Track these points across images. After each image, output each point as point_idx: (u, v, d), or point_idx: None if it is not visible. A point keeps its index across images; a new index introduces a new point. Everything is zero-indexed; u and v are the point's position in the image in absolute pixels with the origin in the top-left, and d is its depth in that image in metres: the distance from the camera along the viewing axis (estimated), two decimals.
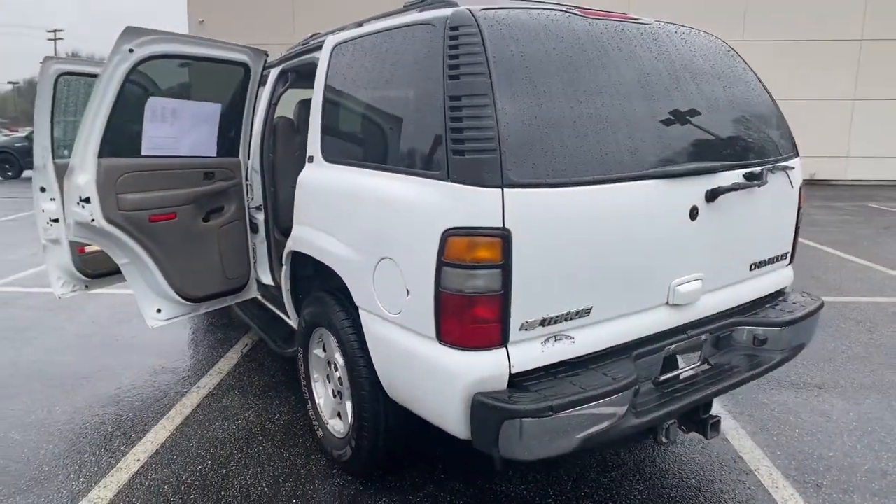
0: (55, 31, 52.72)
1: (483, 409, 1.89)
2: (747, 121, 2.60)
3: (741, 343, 2.56)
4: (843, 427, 3.22)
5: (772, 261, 2.73)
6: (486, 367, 1.93)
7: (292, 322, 3.34)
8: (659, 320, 2.32)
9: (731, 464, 2.89)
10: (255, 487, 2.72)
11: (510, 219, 1.86)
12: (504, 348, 1.96)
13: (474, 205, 1.86)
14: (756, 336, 2.55)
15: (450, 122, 1.93)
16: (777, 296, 2.85)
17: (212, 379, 3.83)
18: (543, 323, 2.00)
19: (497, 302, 1.89)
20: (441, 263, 1.91)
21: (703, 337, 2.43)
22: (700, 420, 2.46)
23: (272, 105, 3.63)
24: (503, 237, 1.86)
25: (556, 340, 2.05)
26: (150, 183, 3.07)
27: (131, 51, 2.85)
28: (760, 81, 2.79)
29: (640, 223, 2.16)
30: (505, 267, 1.88)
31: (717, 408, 3.36)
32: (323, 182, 2.67)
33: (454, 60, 1.98)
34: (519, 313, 1.94)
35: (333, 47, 2.81)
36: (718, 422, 2.47)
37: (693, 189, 2.28)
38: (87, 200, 2.87)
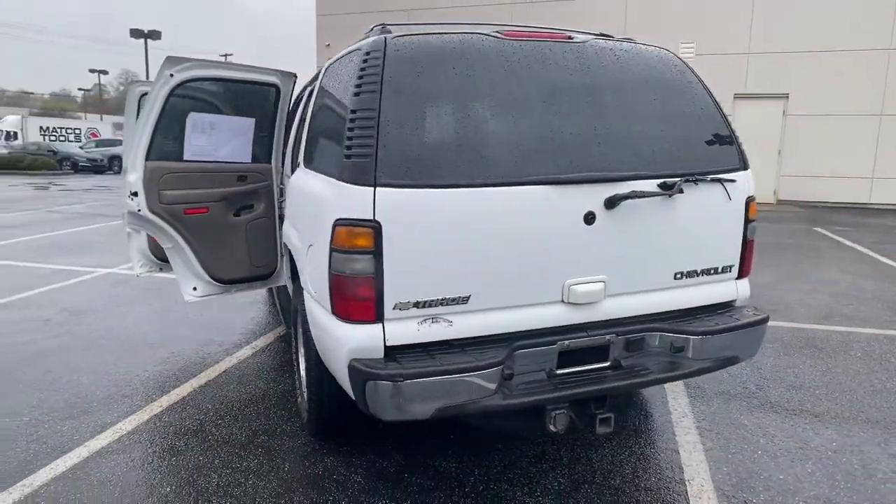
0: (226, 55, 59.67)
1: (354, 371, 2.25)
2: (676, 134, 2.70)
3: (656, 348, 2.65)
4: (815, 454, 3.10)
5: (707, 272, 2.78)
6: (364, 338, 2.29)
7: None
8: (552, 316, 2.52)
9: (667, 472, 2.94)
10: (236, 436, 3.25)
11: (380, 213, 2.21)
12: (380, 324, 2.30)
13: (353, 200, 2.23)
14: (672, 343, 2.63)
15: (346, 132, 2.32)
16: (722, 307, 2.88)
17: (245, 352, 4.48)
18: (417, 305, 2.31)
19: (371, 283, 2.25)
20: (331, 249, 2.29)
21: (608, 338, 2.57)
22: (591, 415, 2.60)
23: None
24: (374, 228, 2.21)
25: (432, 322, 2.35)
26: (187, 182, 3.75)
27: (171, 75, 3.55)
28: (710, 96, 2.85)
29: (525, 224, 2.39)
30: (377, 253, 2.23)
31: (688, 424, 3.39)
32: (295, 183, 3.17)
33: (359, 80, 2.38)
34: (392, 294, 2.28)
35: (324, 70, 3.31)
36: (608, 419, 2.58)
37: (588, 196, 2.46)
38: (136, 194, 3.60)
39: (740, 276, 2.90)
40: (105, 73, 62.07)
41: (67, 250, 8.40)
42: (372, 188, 2.21)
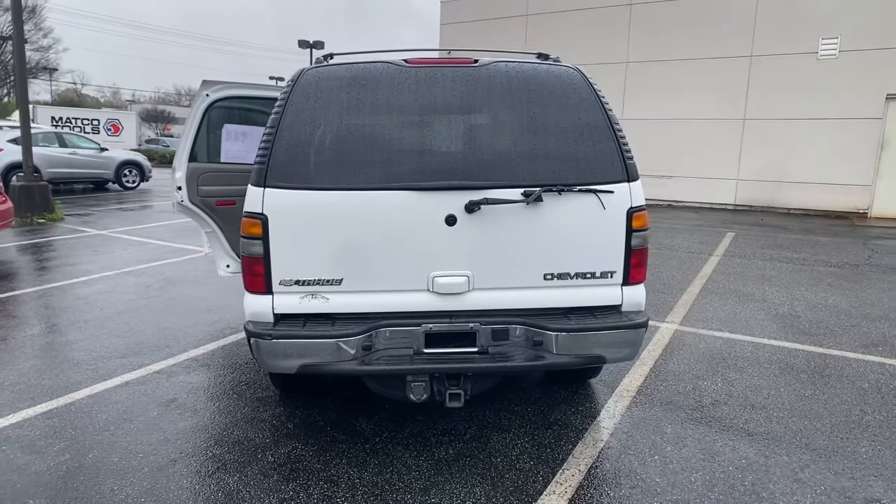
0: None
1: (246, 331, 2.89)
2: (552, 147, 2.97)
3: (517, 340, 2.98)
4: (712, 468, 3.17)
5: (583, 276, 3.03)
6: (258, 306, 2.93)
7: None
8: (418, 302, 2.96)
9: (550, 462, 3.22)
10: (221, 388, 4.06)
11: (267, 208, 2.83)
12: (270, 295, 2.92)
13: (251, 197, 2.87)
14: (531, 337, 2.94)
15: (261, 143, 2.96)
16: (606, 310, 3.10)
17: None
18: (299, 283, 2.90)
19: (261, 263, 2.87)
20: (240, 235, 2.96)
21: (472, 326, 2.95)
22: (446, 388, 3.00)
23: None
24: (262, 220, 2.83)
25: (312, 297, 2.92)
26: (220, 180, 4.66)
27: (207, 95, 4.46)
28: (604, 112, 3.07)
29: (392, 223, 2.87)
30: (265, 239, 2.85)
31: (608, 425, 3.60)
32: None
33: (278, 102, 3.01)
34: (278, 273, 2.89)
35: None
36: (458, 395, 2.97)
37: (449, 201, 2.87)
38: (180, 188, 4.57)
39: (627, 282, 3.08)
40: (281, 79, 69.31)
41: (195, 232, 10.06)
42: (262, 189, 2.83)
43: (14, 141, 13.13)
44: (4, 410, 3.64)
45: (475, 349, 2.98)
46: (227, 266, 4.88)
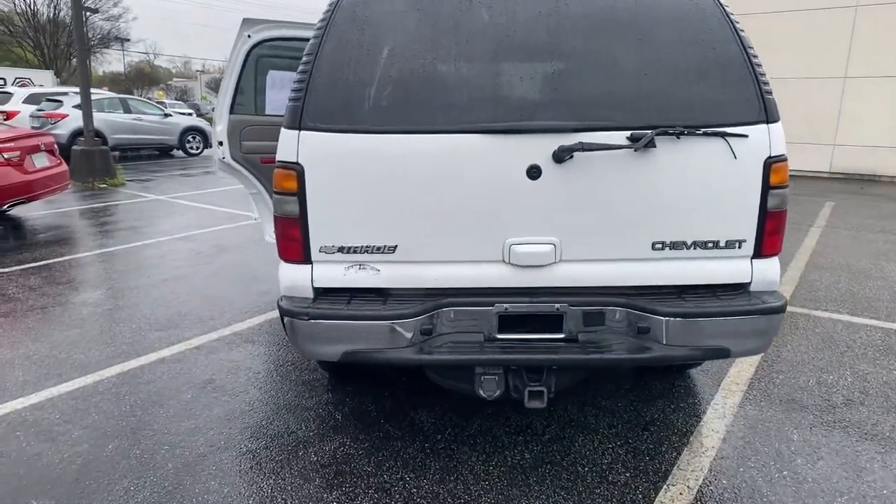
0: None
1: (280, 307, 2.37)
2: (667, 77, 2.29)
3: (616, 325, 2.34)
4: (861, 490, 2.48)
5: (704, 245, 2.36)
6: (295, 277, 2.40)
7: None
8: (491, 276, 2.36)
9: (649, 474, 2.60)
10: (283, 367, 3.62)
11: (303, 156, 2.27)
12: (309, 265, 2.38)
13: (284, 143, 2.32)
14: (635, 322, 2.31)
15: (297, 76, 2.40)
16: (730, 289, 2.42)
17: None
18: (342, 250, 2.34)
19: (297, 224, 2.33)
20: (273, 190, 2.43)
21: (559, 307, 2.34)
22: (524, 385, 2.40)
23: None
24: (297, 171, 2.28)
25: (359, 268, 2.37)
26: (265, 135, 4.15)
27: (249, 36, 3.93)
28: (734, 32, 2.35)
29: (460, 176, 2.27)
30: (301, 196, 2.30)
31: (718, 427, 2.94)
32: None
33: (318, 25, 2.43)
34: (317, 237, 2.34)
35: None
36: (540, 393, 2.37)
37: (532, 147, 2.24)
38: (221, 144, 4.10)
39: (759, 254, 2.39)
40: None
41: None
42: (297, 131, 2.27)
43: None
44: (27, 389, 3.30)
45: (561, 336, 2.37)
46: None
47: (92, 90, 17.20)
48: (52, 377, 3.44)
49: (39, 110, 14.41)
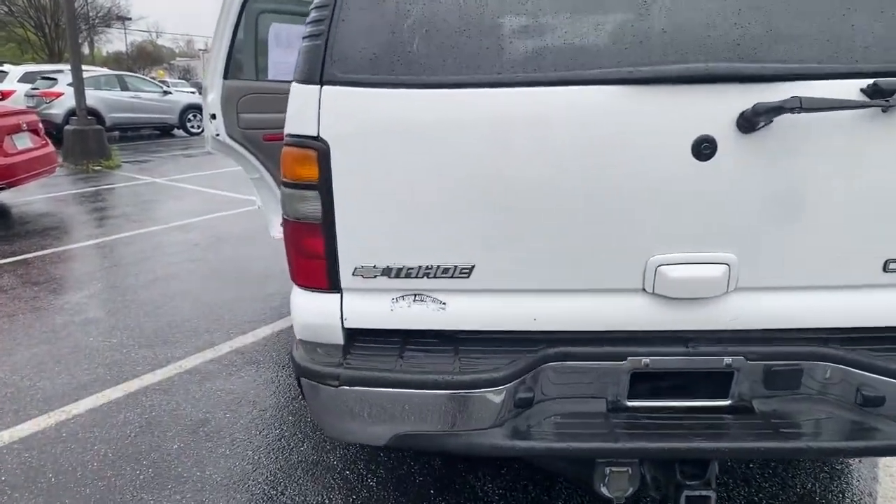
0: None
1: (293, 362, 1.58)
2: None
3: (821, 390, 1.54)
4: None
5: None
6: (314, 313, 1.60)
7: None
8: (623, 314, 1.56)
9: None
10: (296, 401, 2.84)
11: (328, 127, 1.46)
12: (336, 294, 1.58)
13: (297, 108, 1.51)
14: (860, 389, 1.49)
15: (314, 4, 1.57)
16: None
17: None
18: (389, 273, 1.54)
19: (318, 232, 1.53)
20: (281, 181, 1.62)
21: (730, 361, 1.53)
22: (677, 484, 1.59)
23: None
24: (318, 151, 1.47)
25: (415, 300, 1.57)
26: (269, 105, 3.33)
27: None
28: None
29: (575, 153, 1.44)
30: (323, 189, 1.49)
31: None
32: None
33: None
34: (350, 253, 1.54)
35: None
36: (707, 500, 1.56)
37: (703, 107, 1.41)
38: (214, 116, 3.29)
39: None
40: None
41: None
42: (317, 87, 1.45)
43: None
44: None
45: (726, 403, 1.57)
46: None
47: (89, 67, 16.40)
48: (6, 415, 2.69)
49: (34, 89, 13.62)
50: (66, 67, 14.98)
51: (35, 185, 7.76)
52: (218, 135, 3.31)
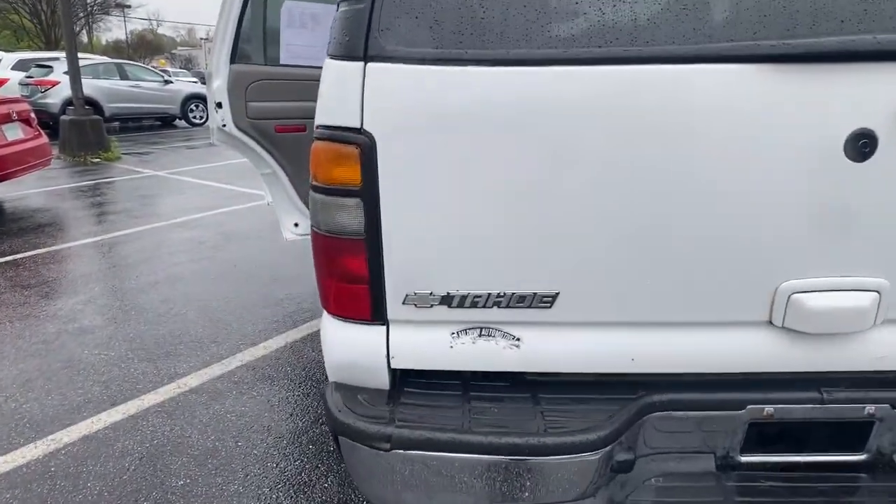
0: None
1: (328, 416, 1.26)
2: None
3: None
4: None
5: None
6: (351, 349, 1.27)
7: None
8: (743, 352, 1.23)
9: None
10: (317, 425, 2.52)
11: (373, 116, 1.12)
12: (382, 327, 1.25)
13: (332, 91, 1.17)
14: None
15: None
16: None
17: None
18: (450, 301, 1.21)
19: (360, 249, 1.20)
20: (311, 185, 1.28)
21: (871, 409, 1.21)
22: None
23: None
24: (361, 147, 1.13)
25: (480, 335, 1.23)
26: (281, 92, 2.99)
27: None
28: None
29: (699, 153, 1.11)
30: (367, 195, 1.16)
31: None
32: None
33: None
34: (400, 276, 1.21)
35: None
36: None
37: (860, 94, 1.07)
38: (220, 105, 2.94)
39: None
40: None
41: None
42: (360, 64, 1.12)
43: None
44: None
45: (860, 457, 1.25)
46: (296, 225, 3.30)
47: (86, 55, 16.00)
48: None
49: (29, 77, 13.25)
50: (63, 55, 14.62)
51: (30, 179, 7.42)
52: (224, 125, 2.96)
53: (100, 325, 3.51)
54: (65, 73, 12.22)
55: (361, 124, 1.12)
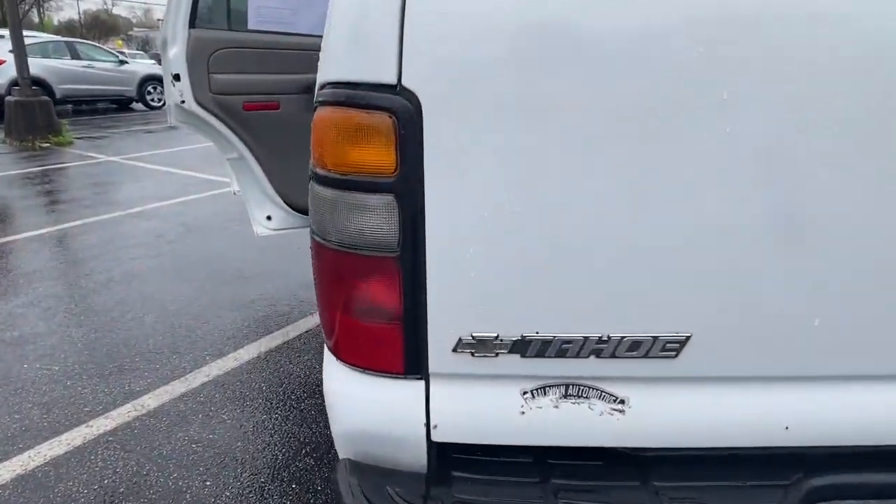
0: None
1: (337, 496, 0.87)
2: None
3: None
4: None
5: None
6: (374, 414, 0.89)
7: None
8: None
9: None
10: (302, 456, 2.13)
11: (418, 67, 0.73)
12: (419, 382, 0.88)
13: (348, 28, 0.78)
14: None
15: None
16: None
17: None
18: (525, 348, 0.84)
19: (391, 271, 0.81)
20: (312, 172, 0.89)
21: None
22: None
23: None
24: (397, 114, 0.75)
25: (567, 395, 0.87)
26: (250, 63, 2.56)
27: None
28: None
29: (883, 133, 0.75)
30: (402, 189, 0.77)
31: None
32: None
33: None
34: (449, 311, 0.82)
35: None
36: None
37: None
38: (178, 78, 2.50)
39: None
40: None
41: None
42: None
43: None
44: None
45: None
46: (269, 218, 2.89)
47: (35, 33, 14.99)
48: None
49: None
50: (6, 32, 13.65)
51: None
52: (183, 101, 2.52)
53: (43, 332, 3.04)
54: (10, 51, 11.35)
55: (399, 79, 0.73)
